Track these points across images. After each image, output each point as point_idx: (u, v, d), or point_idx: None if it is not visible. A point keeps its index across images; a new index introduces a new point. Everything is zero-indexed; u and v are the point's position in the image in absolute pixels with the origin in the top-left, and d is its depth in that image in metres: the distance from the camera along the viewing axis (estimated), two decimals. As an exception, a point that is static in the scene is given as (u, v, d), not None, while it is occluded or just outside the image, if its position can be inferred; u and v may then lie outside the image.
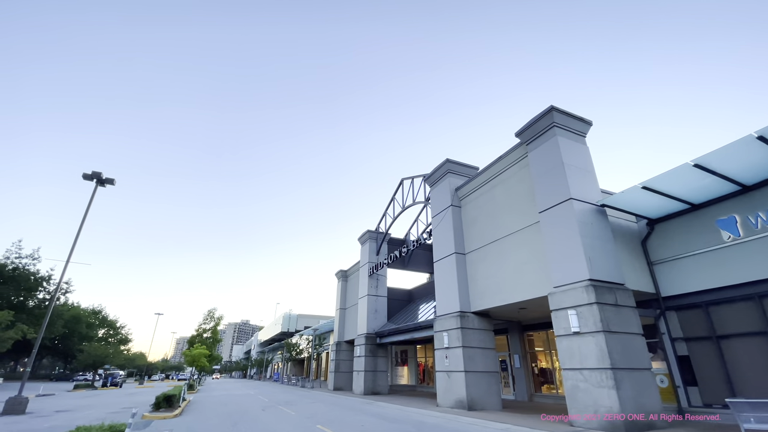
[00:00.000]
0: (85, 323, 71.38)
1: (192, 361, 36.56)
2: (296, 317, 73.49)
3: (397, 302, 28.16)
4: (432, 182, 19.72)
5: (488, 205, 16.17)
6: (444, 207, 18.22)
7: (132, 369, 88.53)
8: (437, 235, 18.47)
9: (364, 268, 28.13)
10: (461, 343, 15.03)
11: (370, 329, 25.67)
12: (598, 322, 9.97)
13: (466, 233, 17.26)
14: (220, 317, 45.14)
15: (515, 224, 14.42)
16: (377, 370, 24.72)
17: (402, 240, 29.91)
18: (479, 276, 15.86)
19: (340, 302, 33.01)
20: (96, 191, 22.01)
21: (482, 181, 16.71)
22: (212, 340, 44.66)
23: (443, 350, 16.02)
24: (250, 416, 14.43)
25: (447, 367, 15.55)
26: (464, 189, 17.79)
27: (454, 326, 15.59)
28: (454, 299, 16.11)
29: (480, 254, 16.05)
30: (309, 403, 19.34)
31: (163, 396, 15.99)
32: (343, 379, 30.30)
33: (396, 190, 25.88)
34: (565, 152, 12.48)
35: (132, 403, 22.28)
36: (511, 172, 15.21)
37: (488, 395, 14.71)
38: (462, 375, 14.62)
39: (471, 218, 17.13)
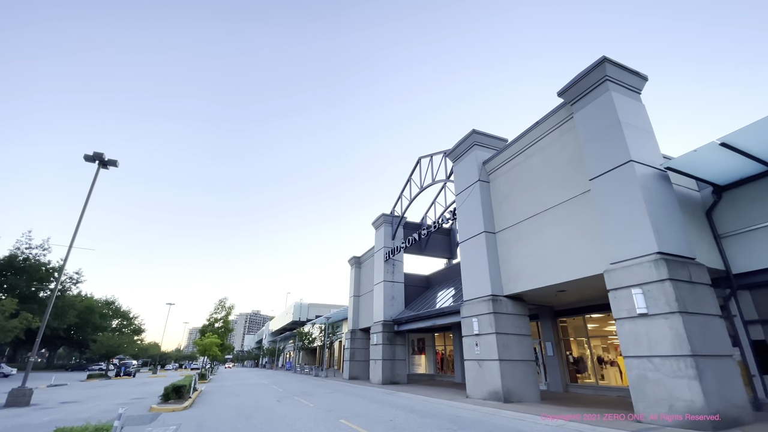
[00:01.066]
0: (99, 314, 71.78)
1: (203, 351, 35.85)
2: (307, 306, 72.97)
3: (415, 288, 26.83)
4: (455, 157, 18.12)
5: (523, 177, 14.57)
6: (470, 183, 16.65)
7: (146, 359, 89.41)
8: (462, 213, 16.95)
9: (380, 254, 26.79)
10: (494, 329, 13.61)
11: (387, 316, 24.42)
12: (672, 302, 8.43)
13: (496, 210, 15.71)
14: (231, 306, 44.36)
15: (557, 196, 12.83)
16: (395, 359, 23.53)
17: (418, 224, 28.52)
18: (513, 256, 14.35)
19: (354, 289, 31.82)
20: (98, 173, 20.90)
21: (514, 152, 15.09)
22: (224, 330, 44.02)
23: (472, 337, 14.64)
24: (265, 408, 13.28)
25: (478, 355, 14.19)
26: (493, 162, 16.18)
27: (485, 311, 14.17)
28: (485, 282, 14.66)
29: (513, 232, 14.52)
30: (326, 394, 18.21)
31: (172, 387, 14.94)
32: (359, 367, 29.24)
33: (413, 170, 24.32)
34: (621, 109, 10.80)
35: (142, 393, 21.44)
36: (551, 138, 13.56)
37: (525, 386, 13.34)
38: (496, 364, 13.24)
39: (502, 194, 15.56)
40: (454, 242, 29.54)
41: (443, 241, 29.47)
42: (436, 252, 28.94)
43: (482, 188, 16.15)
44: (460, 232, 16.94)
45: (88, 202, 20.39)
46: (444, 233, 29.65)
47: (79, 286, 58.47)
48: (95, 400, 18.62)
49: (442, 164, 20.78)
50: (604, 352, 16.51)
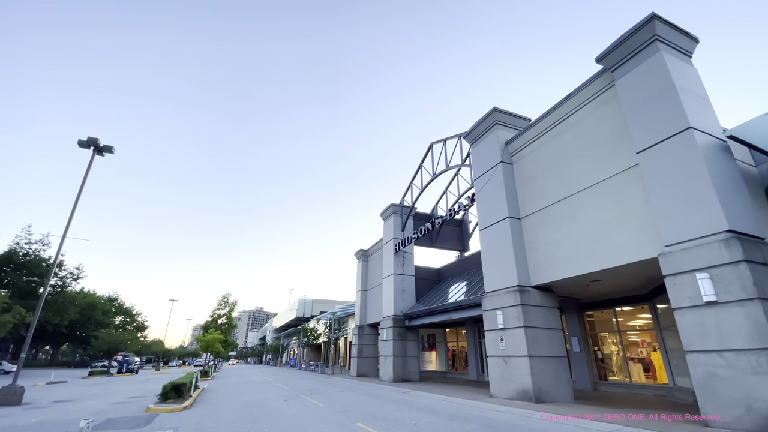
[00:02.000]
0: (101, 310, 71.12)
1: (206, 347, 34.87)
2: (311, 302, 72.05)
3: (425, 282, 25.63)
4: (473, 138, 16.86)
5: (552, 157, 13.32)
6: (492, 165, 15.39)
7: (150, 356, 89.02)
8: (483, 198, 15.72)
9: (389, 246, 25.59)
10: (522, 322, 12.40)
11: (397, 311, 23.25)
12: (750, 287, 7.20)
13: (521, 194, 14.47)
14: (234, 302, 43.35)
15: (594, 175, 11.57)
16: (407, 355, 22.37)
17: (429, 215, 27.30)
18: (541, 243, 13.12)
19: (361, 283, 30.66)
20: (93, 160, 19.81)
21: (542, 130, 13.82)
22: (227, 326, 43.08)
23: (496, 332, 13.45)
24: (272, 409, 12.16)
25: (503, 351, 12.99)
26: (517, 142, 14.92)
27: (511, 303, 12.96)
28: (510, 272, 13.44)
29: (542, 217, 13.28)
30: (336, 392, 17.08)
31: (171, 385, 13.84)
32: (367, 364, 28.13)
33: (424, 156, 23.06)
34: (674, 72, 9.52)
35: (141, 391, 20.40)
36: (585, 112, 12.28)
37: (557, 384, 12.14)
38: (525, 361, 12.04)
39: (527, 175, 14.31)
40: (466, 234, 28.32)
41: (454, 232, 28.24)
42: (448, 244, 27.71)
43: (505, 170, 14.90)
44: (480, 218, 15.71)
45: (82, 190, 19.30)
46: (455, 224, 28.42)
47: (80, 282, 57.60)
48: (92, 398, 17.58)
49: (457, 148, 19.52)
50: (635, 347, 15.29)
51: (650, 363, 14.75)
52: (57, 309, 49.25)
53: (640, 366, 14.92)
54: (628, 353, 15.28)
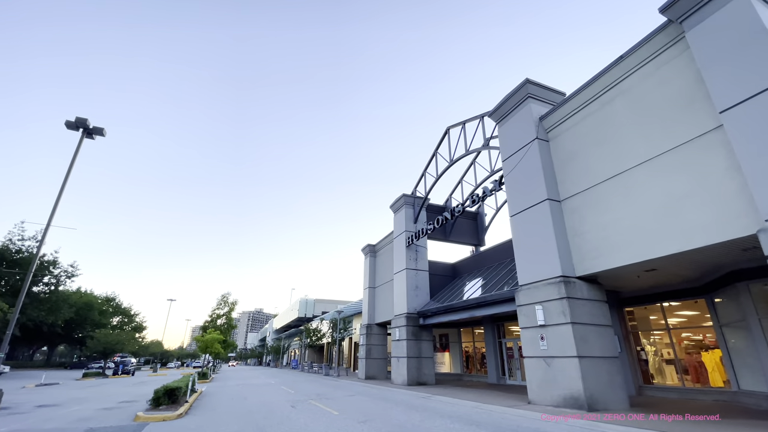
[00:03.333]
0: (98, 310, 69.43)
1: (205, 347, 33.17)
2: (313, 302, 70.40)
3: (439, 278, 23.96)
4: (501, 116, 15.22)
5: (599, 129, 11.68)
6: (525, 142, 13.75)
7: (148, 357, 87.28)
8: (514, 181, 14.07)
9: (400, 239, 23.93)
10: (569, 318, 10.74)
11: (410, 308, 21.58)
12: None
13: (560, 174, 12.83)
14: (234, 302, 41.63)
15: (657, 145, 9.92)
16: (421, 356, 20.68)
17: (442, 206, 25.65)
18: (588, 227, 11.47)
19: (368, 280, 28.98)
20: (82, 143, 18.16)
21: (585, 100, 12.19)
22: (227, 326, 41.38)
23: (535, 329, 11.79)
24: (280, 417, 10.49)
25: (544, 351, 11.32)
26: (553, 116, 13.28)
27: (553, 296, 11.30)
28: (552, 261, 11.78)
29: (587, 198, 11.64)
30: (347, 397, 15.41)
31: (164, 389, 12.16)
32: (376, 366, 26.43)
33: (439, 142, 21.43)
34: (764, 16, 7.91)
35: (134, 395, 18.70)
36: (642, 74, 10.65)
37: (611, 389, 10.48)
38: (574, 362, 10.37)
39: (567, 153, 12.67)
40: (481, 227, 26.66)
41: (469, 226, 26.58)
42: (463, 238, 26.04)
43: (541, 147, 13.26)
44: (511, 203, 14.05)
45: (69, 174, 17.62)
46: (470, 217, 26.77)
47: (75, 280, 56.05)
48: (79, 403, 15.91)
49: (479, 130, 17.88)
50: (685, 346, 13.63)
51: (698, 365, 13.12)
52: (50, 308, 47.55)
53: (692, 368, 13.26)
54: (677, 354, 13.61)
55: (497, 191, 16.06)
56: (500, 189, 15.85)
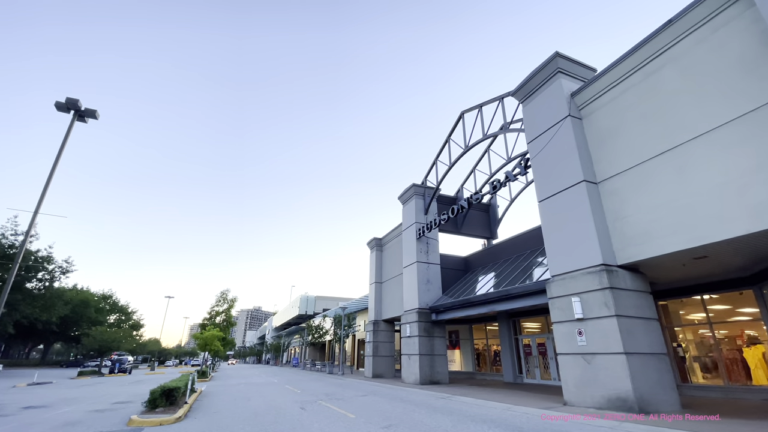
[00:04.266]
0: (95, 308, 68.16)
1: (204, 345, 32.02)
2: (314, 299, 69.33)
3: (451, 272, 22.86)
4: (526, 93, 14.09)
5: (644, 102, 10.56)
6: (556, 120, 12.63)
7: (145, 355, 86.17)
8: (542, 163, 12.96)
9: (410, 231, 22.80)
10: (613, 310, 9.65)
11: (422, 303, 20.47)
12: None
13: (596, 153, 11.72)
14: (234, 299, 40.53)
15: (716, 115, 8.81)
16: (434, 354, 19.59)
17: (453, 197, 24.53)
18: (631, 210, 10.36)
19: (375, 275, 27.87)
20: (73, 126, 16.94)
21: (626, 71, 11.07)
22: (226, 323, 40.27)
23: (571, 324, 10.69)
24: (290, 421, 9.38)
25: (583, 348, 10.23)
26: (587, 92, 12.16)
27: (594, 287, 10.20)
28: (591, 248, 10.67)
29: (630, 178, 10.53)
30: (360, 398, 14.31)
31: (161, 390, 11.01)
32: (383, 364, 25.36)
33: (453, 128, 20.28)
34: None
35: (130, 395, 17.54)
36: (696, 39, 9.53)
37: (661, 389, 9.40)
38: (620, 359, 9.28)
39: (604, 130, 11.55)
40: (494, 219, 25.54)
41: (482, 218, 25.48)
42: (475, 230, 24.93)
43: (575, 125, 12.13)
44: (540, 187, 12.94)
45: (59, 159, 16.40)
46: (482, 209, 25.65)
47: (69, 276, 54.69)
48: (69, 404, 14.76)
49: (498, 112, 16.75)
50: (727, 342, 12.58)
51: (739, 361, 12.09)
52: (44, 305, 46.21)
53: (733, 365, 12.22)
54: (717, 350, 12.55)
55: (522, 175, 14.93)
56: (526, 173, 14.73)
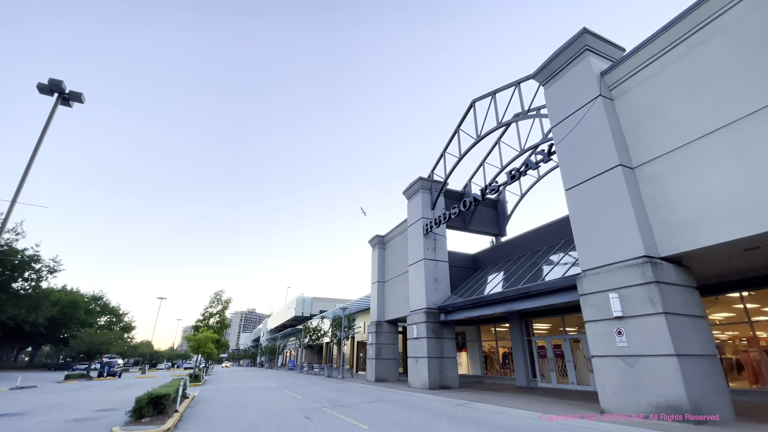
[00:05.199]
0: (84, 309, 66.20)
1: (197, 347, 30.62)
2: (311, 300, 67.87)
3: (459, 270, 21.77)
4: (549, 74, 13.06)
5: (690, 76, 9.55)
6: (585, 101, 11.60)
7: (137, 358, 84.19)
8: (570, 148, 11.91)
9: (416, 227, 21.69)
10: (660, 307, 8.58)
11: (430, 303, 19.34)
12: None
13: (631, 136, 10.69)
14: (228, 300, 39.06)
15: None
16: (444, 357, 18.45)
17: (460, 192, 23.48)
18: (676, 197, 9.33)
19: (377, 274, 26.70)
20: (56, 109, 15.65)
21: (666, 45, 10.08)
22: (220, 325, 38.79)
23: (609, 322, 9.62)
24: None
25: (624, 349, 9.15)
26: (620, 70, 11.15)
27: (636, 281, 9.14)
28: (631, 239, 9.61)
29: (675, 160, 9.50)
30: (367, 404, 13.12)
31: (148, 397, 9.75)
32: (386, 367, 24.17)
33: (463, 117, 19.23)
34: None
35: (116, 402, 16.18)
36: (747, 6, 8.58)
37: (716, 395, 8.34)
38: (671, 362, 8.21)
39: (641, 110, 10.53)
40: (502, 216, 24.51)
41: (490, 214, 24.43)
42: (483, 227, 23.88)
43: (607, 106, 11.11)
44: (567, 174, 11.88)
45: (40, 145, 15.11)
46: (490, 205, 24.61)
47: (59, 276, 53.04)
48: (49, 411, 13.44)
49: (514, 100, 15.73)
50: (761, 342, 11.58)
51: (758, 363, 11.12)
52: (30, 305, 44.41)
53: None
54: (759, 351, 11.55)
55: (545, 162, 13.89)
56: (549, 159, 13.70)
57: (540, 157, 13.97)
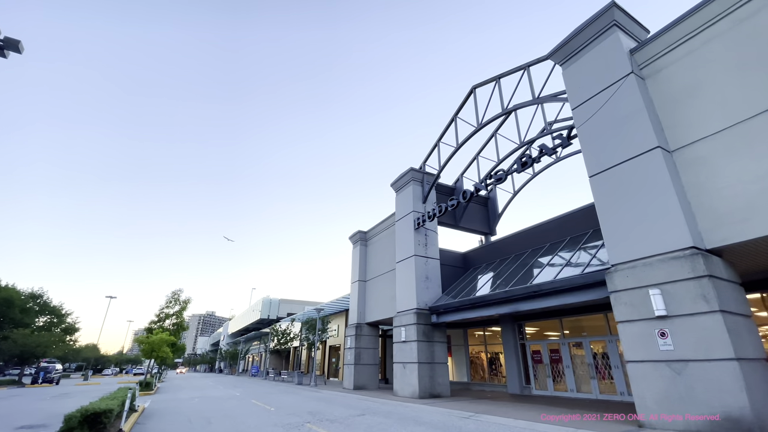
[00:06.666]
0: (20, 308, 59.22)
1: (150, 351, 27.32)
2: (278, 302, 64.61)
3: (449, 269, 20.40)
4: (569, 53, 11.98)
5: (738, 50, 8.66)
6: (613, 80, 10.55)
7: (81, 362, 76.70)
8: (595, 130, 10.82)
9: (406, 221, 20.15)
10: (716, 305, 7.47)
11: (421, 303, 17.78)
12: None
13: (668, 118, 9.70)
14: (187, 300, 35.61)
15: None
16: (435, 362, 16.91)
17: (452, 187, 22.27)
18: (725, 181, 8.34)
19: (358, 273, 24.86)
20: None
21: (705, 21, 9.22)
22: (177, 327, 35.25)
23: (648, 322, 8.45)
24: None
25: (669, 353, 7.97)
26: (653, 47, 10.20)
27: (683, 275, 8.01)
28: (676, 227, 8.51)
29: (723, 142, 8.52)
30: (356, 418, 11.31)
31: (81, 414, 7.47)
32: (366, 374, 22.35)
33: (461, 104, 17.97)
34: None
35: (45, 416, 13.33)
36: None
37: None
38: (730, 367, 7.08)
39: (681, 89, 9.57)
40: (493, 214, 23.50)
41: (481, 212, 23.34)
42: (473, 224, 22.73)
43: (640, 85, 10.11)
44: (593, 158, 10.75)
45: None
46: (481, 203, 23.54)
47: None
48: (-52, 431, 10.63)
49: (522, 84, 14.67)
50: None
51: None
52: (-49, 302, 38.69)
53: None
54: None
55: (564, 147, 12.77)
56: (569, 143, 12.60)
57: (558, 141, 12.85)
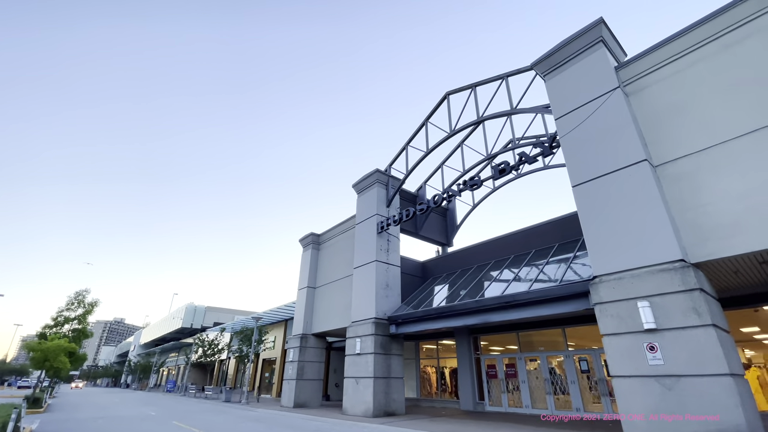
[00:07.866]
0: None
1: (42, 360, 22.52)
2: (203, 310, 58.97)
3: (408, 277, 19.53)
4: (554, 65, 12.00)
5: (724, 74, 9.06)
6: (600, 93, 10.62)
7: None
8: (579, 141, 10.75)
9: (368, 225, 18.99)
10: (708, 318, 7.36)
11: (380, 312, 16.58)
12: None
13: (652, 134, 9.88)
14: (93, 303, 30.19)
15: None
16: (391, 377, 15.70)
17: (413, 194, 21.70)
18: (709, 198, 8.47)
19: (308, 278, 22.98)
20: None
21: (695, 42, 9.64)
22: (79, 334, 29.77)
23: (636, 336, 8.20)
24: None
25: (658, 368, 7.70)
26: (638, 65, 10.48)
27: (673, 288, 7.89)
28: (664, 240, 8.44)
29: (708, 159, 8.72)
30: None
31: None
32: (309, 390, 20.38)
33: (433, 110, 17.53)
34: None
35: None
36: (795, 7, 8.39)
37: (759, 420, 7.29)
38: (725, 383, 6.93)
39: (666, 107, 9.79)
40: (451, 225, 23.28)
41: (440, 222, 22.99)
42: (433, 234, 22.25)
43: (626, 100, 10.27)
44: (576, 169, 10.63)
45: None
46: (440, 213, 23.24)
47: None
48: None
49: (501, 89, 14.53)
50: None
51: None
52: None
53: None
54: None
55: (545, 156, 12.65)
56: (552, 153, 12.52)
57: (539, 150, 12.74)
